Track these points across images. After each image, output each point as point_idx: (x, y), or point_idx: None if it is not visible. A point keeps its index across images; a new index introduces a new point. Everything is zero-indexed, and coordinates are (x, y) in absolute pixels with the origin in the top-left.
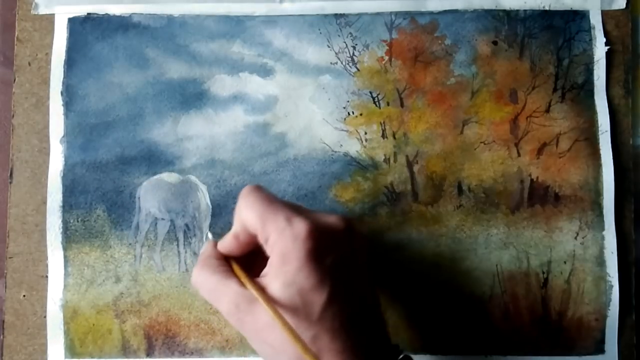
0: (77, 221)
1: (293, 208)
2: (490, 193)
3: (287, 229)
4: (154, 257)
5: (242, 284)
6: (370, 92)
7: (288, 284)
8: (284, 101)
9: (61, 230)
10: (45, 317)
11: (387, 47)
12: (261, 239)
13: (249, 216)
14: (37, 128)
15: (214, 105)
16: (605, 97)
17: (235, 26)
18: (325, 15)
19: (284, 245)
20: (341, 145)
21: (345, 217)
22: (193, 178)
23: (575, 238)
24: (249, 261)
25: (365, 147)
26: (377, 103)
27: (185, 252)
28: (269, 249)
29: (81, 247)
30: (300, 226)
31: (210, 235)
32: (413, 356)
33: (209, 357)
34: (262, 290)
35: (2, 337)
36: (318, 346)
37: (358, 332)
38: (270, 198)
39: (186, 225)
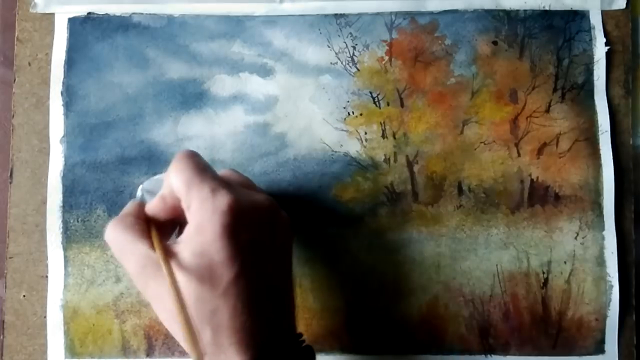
0: (77, 221)
1: (221, 181)
2: (491, 193)
3: (209, 199)
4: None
5: (153, 247)
6: (370, 92)
7: (198, 254)
8: (284, 101)
9: (61, 230)
10: (45, 317)
11: (387, 47)
12: (184, 205)
13: (176, 180)
14: (37, 128)
15: (214, 105)
16: (605, 97)
17: (235, 26)
18: (325, 15)
19: (203, 215)
20: (341, 145)
21: (269, 198)
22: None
23: (576, 238)
24: (174, 228)
25: (365, 147)
26: (377, 103)
27: None
28: (189, 217)
29: (81, 247)
30: (222, 199)
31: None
32: (413, 356)
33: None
34: (169, 256)
35: (2, 337)
36: (216, 321)
37: (260, 314)
38: (201, 166)
39: None
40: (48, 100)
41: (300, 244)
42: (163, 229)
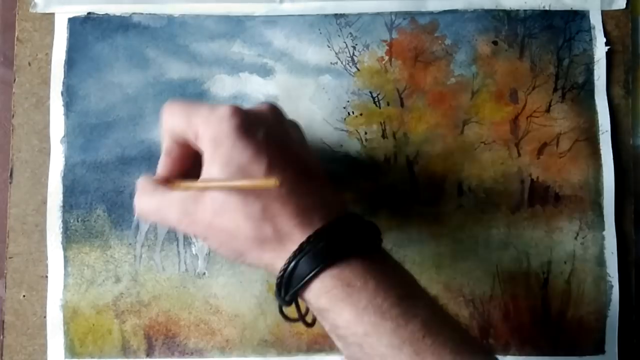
0: (77, 221)
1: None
2: (491, 193)
3: (211, 115)
4: (154, 257)
5: (180, 190)
6: (371, 92)
7: (225, 164)
8: (284, 101)
9: (61, 230)
10: (45, 317)
11: (387, 47)
12: (191, 137)
13: (173, 122)
14: (37, 128)
15: None
16: (605, 97)
17: (235, 26)
18: (325, 15)
19: (212, 129)
20: (341, 145)
21: (272, 102)
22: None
23: (576, 238)
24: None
25: (365, 147)
26: (377, 103)
27: (185, 252)
28: (200, 144)
29: (81, 247)
30: (223, 108)
31: None
32: None
33: (209, 357)
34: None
35: (2, 337)
36: (270, 214)
37: (308, 194)
38: (190, 101)
39: None
40: (48, 100)
41: None
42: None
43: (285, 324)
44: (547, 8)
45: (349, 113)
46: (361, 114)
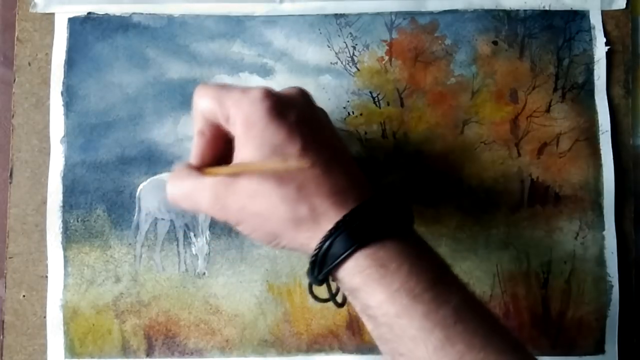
0: (77, 221)
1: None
2: (491, 193)
3: (243, 97)
4: (154, 257)
5: (211, 175)
6: (371, 92)
7: (259, 146)
8: None
9: (61, 230)
10: (45, 317)
11: (387, 47)
12: (222, 120)
13: (204, 104)
14: (37, 128)
15: None
16: (605, 97)
17: (235, 26)
18: (325, 15)
19: (244, 112)
20: None
21: (300, 87)
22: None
23: (576, 238)
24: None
25: (365, 147)
26: (377, 103)
27: (185, 252)
28: (232, 126)
29: (81, 247)
30: (255, 91)
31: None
32: None
33: (209, 357)
34: (235, 169)
35: (2, 337)
36: (305, 194)
37: (341, 175)
38: (221, 84)
39: (186, 225)
40: (48, 100)
41: None
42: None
43: (285, 323)
44: (547, 8)
45: (349, 113)
46: (361, 114)
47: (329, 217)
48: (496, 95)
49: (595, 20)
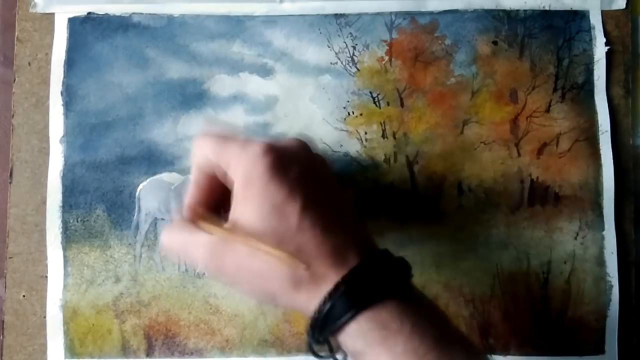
0: (77, 221)
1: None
2: (491, 193)
3: (243, 152)
4: (154, 257)
5: (210, 230)
6: (371, 92)
7: (259, 205)
8: (284, 101)
9: (61, 230)
10: (45, 317)
11: (387, 47)
12: (223, 167)
13: (203, 154)
14: (37, 128)
15: (214, 105)
16: (605, 97)
17: (235, 26)
18: (325, 15)
19: (244, 168)
20: (341, 145)
21: (298, 138)
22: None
23: (575, 238)
24: (220, 208)
25: (365, 147)
26: (377, 103)
27: None
28: (232, 175)
29: (81, 247)
30: (255, 146)
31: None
32: None
33: (209, 357)
34: (230, 228)
35: (2, 337)
36: (306, 254)
37: (342, 234)
38: (222, 134)
39: None
40: (48, 100)
41: None
42: (211, 212)
43: (285, 323)
44: (547, 8)
45: (349, 113)
46: (361, 114)
47: (329, 279)
48: (496, 95)
49: (595, 20)
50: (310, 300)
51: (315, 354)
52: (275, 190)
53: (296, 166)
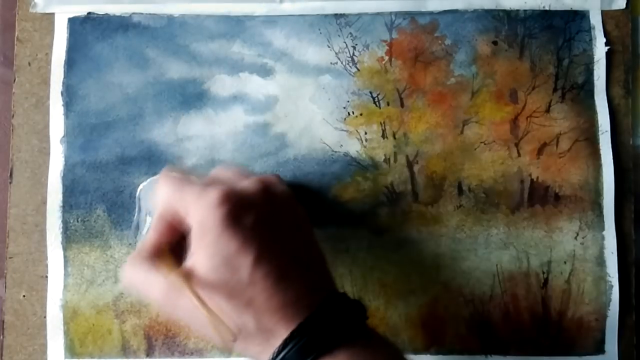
0: (77, 221)
1: (209, 180)
2: (490, 193)
3: (201, 198)
4: None
5: (168, 272)
6: (370, 92)
7: (211, 256)
8: (284, 101)
9: (61, 230)
10: (45, 317)
11: (387, 47)
12: (182, 213)
13: (165, 195)
14: (37, 128)
15: (214, 105)
16: (605, 97)
17: (235, 26)
18: (325, 15)
19: (200, 215)
20: (341, 145)
21: (261, 178)
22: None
23: (575, 238)
24: (184, 248)
25: (365, 147)
26: (377, 103)
27: None
28: (189, 219)
29: (81, 247)
30: (213, 193)
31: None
32: (414, 356)
33: (209, 357)
34: (185, 271)
35: (2, 337)
36: (255, 308)
37: (295, 286)
38: (185, 175)
39: None
40: (48, 100)
41: None
42: (174, 252)
43: None
44: (547, 8)
45: (349, 113)
46: (361, 114)
47: (277, 334)
48: (496, 96)
49: (595, 21)
50: (262, 353)
51: None
52: (228, 241)
53: (253, 212)
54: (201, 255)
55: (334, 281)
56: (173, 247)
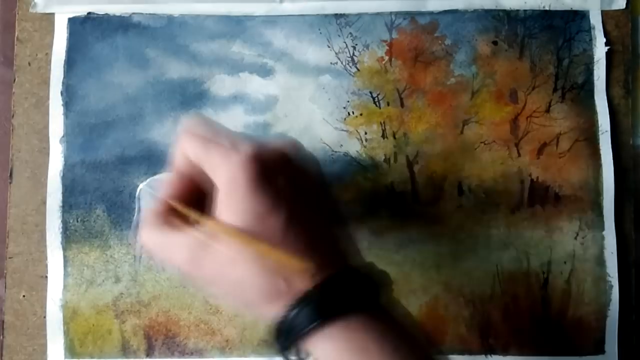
0: (77, 221)
1: (238, 135)
2: (491, 193)
3: (232, 153)
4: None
5: (191, 230)
6: (371, 92)
7: (241, 212)
8: (284, 101)
9: (61, 230)
10: (45, 317)
11: (387, 47)
12: (206, 167)
13: (190, 148)
14: (37, 128)
15: (214, 105)
16: (605, 97)
17: (235, 26)
18: (325, 15)
19: (230, 172)
20: (341, 145)
21: (292, 139)
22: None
23: (575, 238)
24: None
25: (365, 147)
26: (377, 103)
27: None
28: (216, 177)
29: (81, 247)
30: (245, 149)
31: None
32: None
33: (209, 357)
34: (218, 223)
35: (2, 337)
36: (286, 270)
37: (326, 250)
38: (213, 126)
39: None
40: (48, 100)
41: None
42: (191, 205)
43: None
44: (547, 8)
45: (349, 113)
46: (361, 114)
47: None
48: (496, 96)
49: (595, 21)
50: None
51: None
52: (260, 200)
53: (285, 173)
54: (231, 211)
55: (358, 246)
56: (189, 202)
